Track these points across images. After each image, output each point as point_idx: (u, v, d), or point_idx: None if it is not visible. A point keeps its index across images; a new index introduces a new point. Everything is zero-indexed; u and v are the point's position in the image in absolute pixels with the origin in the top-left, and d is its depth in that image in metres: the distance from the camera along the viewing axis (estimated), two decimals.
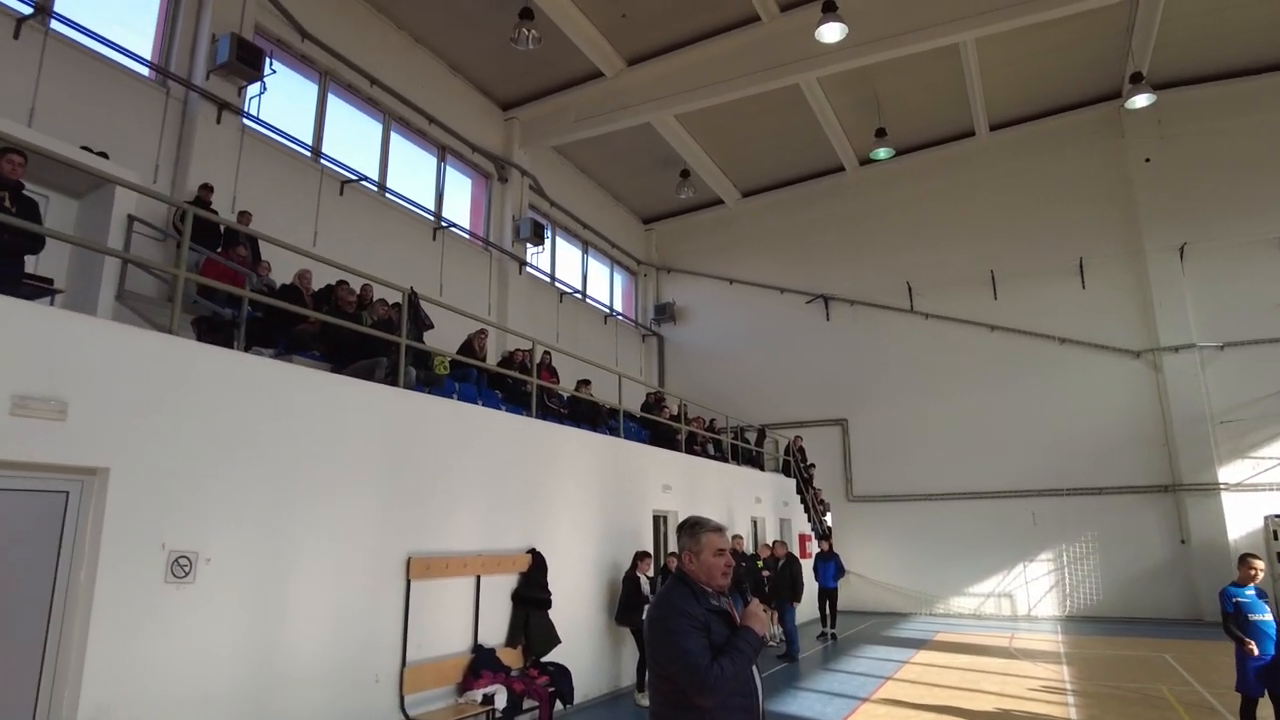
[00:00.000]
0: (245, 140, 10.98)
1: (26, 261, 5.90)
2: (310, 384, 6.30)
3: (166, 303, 8.63)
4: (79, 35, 9.39)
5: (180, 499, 5.04)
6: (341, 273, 8.51)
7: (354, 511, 6.35)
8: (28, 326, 4.42)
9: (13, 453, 4.26)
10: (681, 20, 14.52)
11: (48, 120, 8.73)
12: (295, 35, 12.03)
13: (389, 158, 13.99)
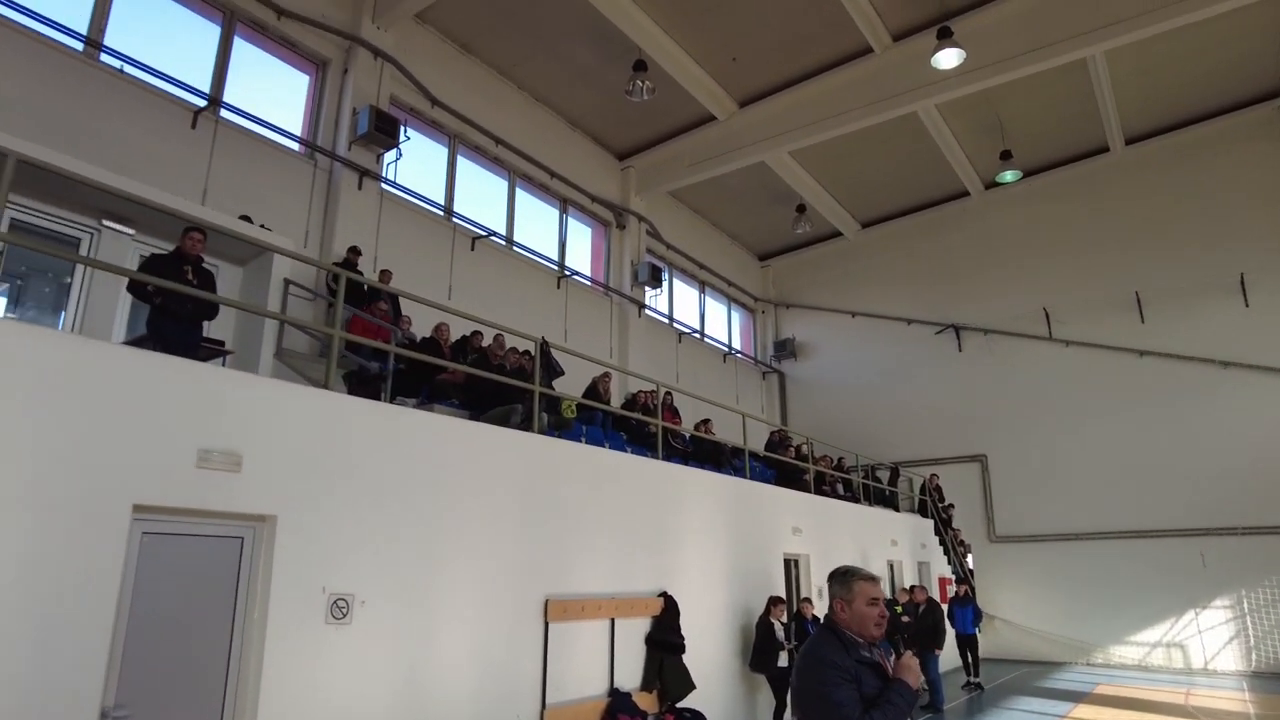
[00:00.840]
0: (384, 203, 11.79)
1: (203, 326, 6.54)
2: (453, 432, 6.61)
3: (319, 359, 9.31)
4: (242, 120, 10.41)
5: (338, 544, 5.36)
6: (475, 324, 8.94)
7: (494, 554, 6.56)
8: (209, 386, 4.87)
9: (198, 501, 4.68)
10: (792, 59, 14.58)
11: (217, 197, 9.67)
12: (426, 103, 12.86)
13: (515, 212, 14.63)
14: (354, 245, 10.32)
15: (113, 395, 4.40)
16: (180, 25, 10.36)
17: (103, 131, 8.88)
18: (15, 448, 3.99)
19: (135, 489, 4.40)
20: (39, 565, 3.99)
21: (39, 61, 8.63)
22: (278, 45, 11.35)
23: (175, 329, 6.16)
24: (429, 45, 13.17)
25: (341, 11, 11.82)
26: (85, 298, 7.83)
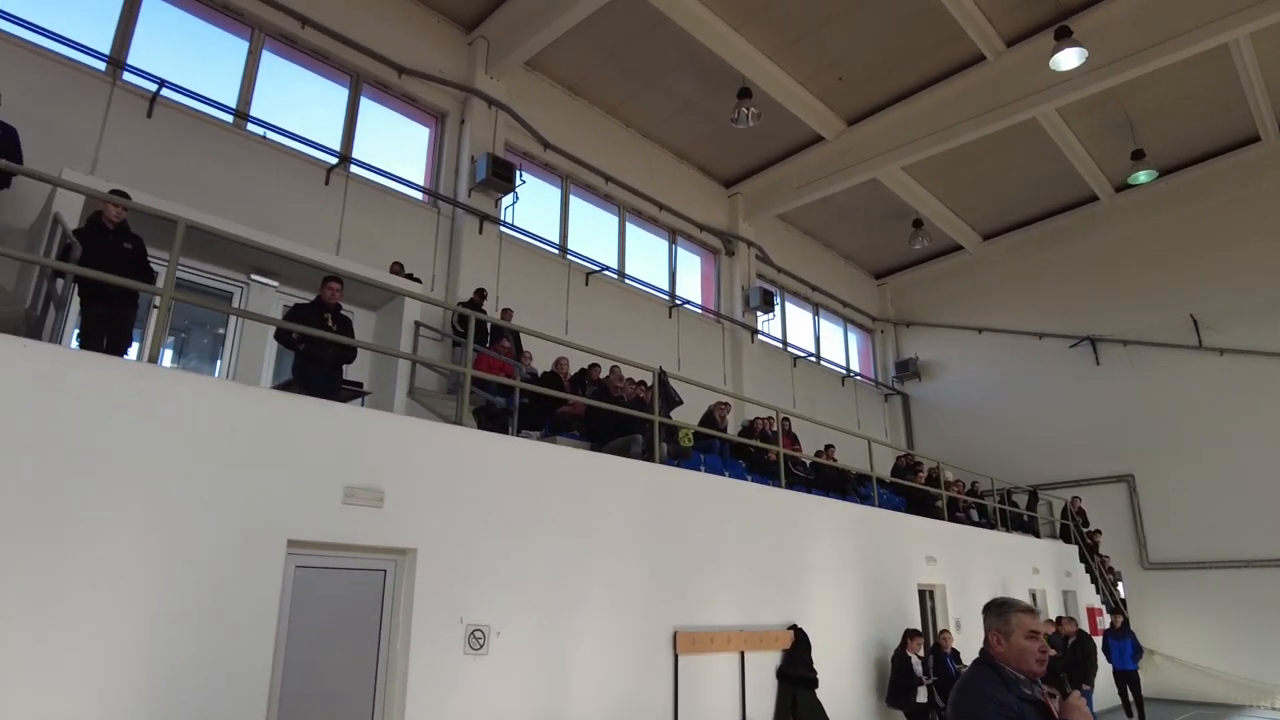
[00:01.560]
0: (503, 245, 12.24)
1: (343, 369, 6.93)
2: (579, 463, 6.71)
3: (448, 396, 9.70)
4: (370, 174, 11.09)
5: (474, 575, 5.52)
6: (593, 356, 9.10)
7: (623, 584, 6.58)
8: (352, 426, 5.15)
9: (344, 536, 4.93)
10: (899, 74, 14.25)
11: (350, 247, 10.30)
12: (539, 146, 13.32)
13: (626, 246, 14.88)
14: (480, 287, 10.73)
15: (267, 436, 4.71)
16: (313, 91, 11.19)
17: (250, 193, 9.64)
18: (184, 486, 4.32)
19: (289, 524, 4.68)
20: (206, 597, 4.29)
21: (196, 134, 9.50)
22: (400, 102, 12.07)
23: (318, 373, 6.56)
24: (539, 91, 13.66)
25: (457, 65, 12.45)
26: (237, 347, 8.48)
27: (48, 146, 7.85)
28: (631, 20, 12.37)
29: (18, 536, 3.74)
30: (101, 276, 4.88)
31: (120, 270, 5.65)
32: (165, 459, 4.29)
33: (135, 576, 4.05)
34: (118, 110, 8.99)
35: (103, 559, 3.97)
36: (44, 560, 3.79)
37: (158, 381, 4.47)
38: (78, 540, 3.91)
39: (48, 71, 8.58)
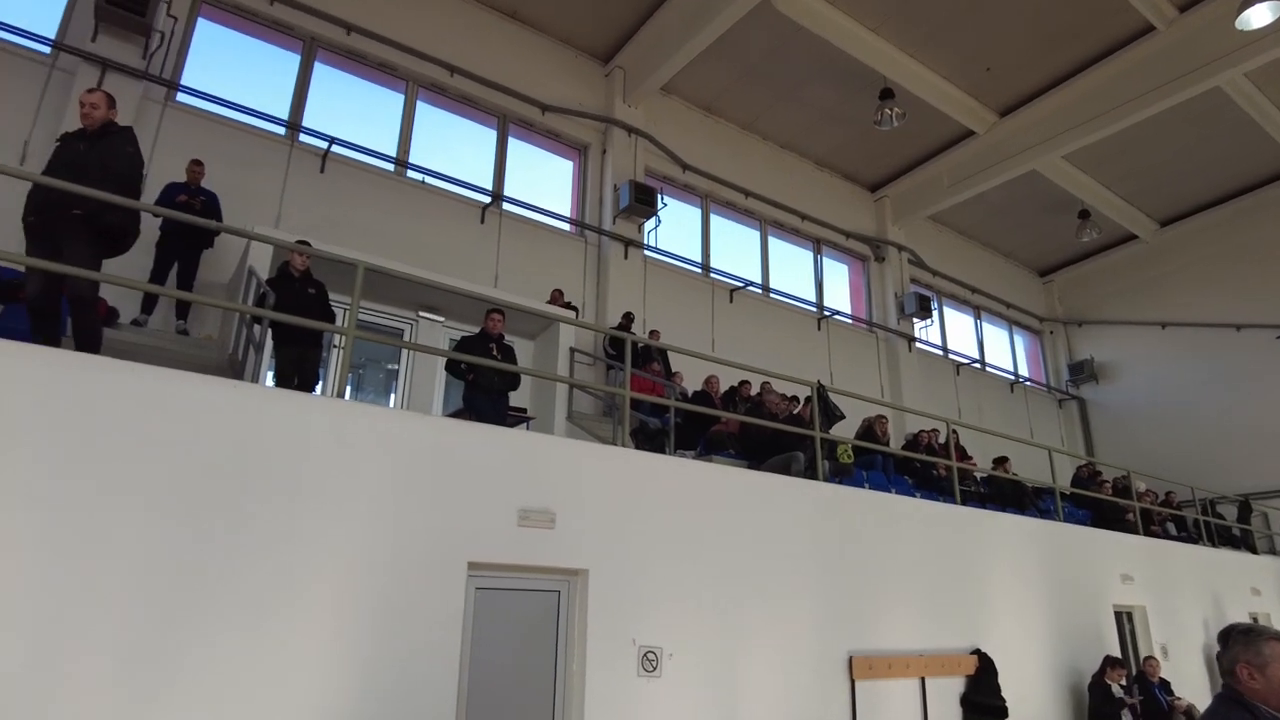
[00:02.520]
0: (647, 268, 12.38)
1: (508, 396, 7.18)
2: (739, 482, 6.60)
3: (604, 418, 9.86)
4: (521, 209, 11.55)
5: (645, 596, 5.51)
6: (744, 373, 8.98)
7: (793, 606, 6.38)
8: (522, 450, 5.30)
9: (521, 557, 5.05)
10: (1054, 57, 13.31)
11: (507, 279, 10.74)
12: (678, 169, 13.44)
13: (769, 260, 14.69)
14: (627, 311, 10.91)
15: (446, 462, 4.92)
16: (464, 135, 11.81)
17: (413, 235, 10.26)
18: (372, 511, 4.57)
19: (469, 547, 4.85)
20: (395, 618, 4.49)
21: (363, 184, 10.24)
22: (544, 138, 12.53)
23: (486, 400, 6.84)
24: (675, 114, 13.80)
25: (595, 97, 12.80)
26: (410, 379, 8.99)
27: (240, 206, 8.67)
28: (765, 35, 12.28)
29: (234, 560, 4.07)
30: (292, 320, 5.29)
31: (307, 313, 6.13)
32: (354, 486, 4.56)
33: (330, 599, 4.30)
34: (296, 168, 9.83)
35: (303, 582, 4.24)
36: (255, 584, 4.10)
37: (345, 414, 4.77)
38: (282, 566, 4.20)
39: (239, 140, 9.52)
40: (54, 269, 4.33)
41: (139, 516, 3.86)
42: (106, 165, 4.63)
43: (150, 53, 8.96)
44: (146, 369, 4.21)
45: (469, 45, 11.60)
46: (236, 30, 10.19)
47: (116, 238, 4.71)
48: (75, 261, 4.42)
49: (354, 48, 10.75)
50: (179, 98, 9.32)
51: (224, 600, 3.97)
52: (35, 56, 8.59)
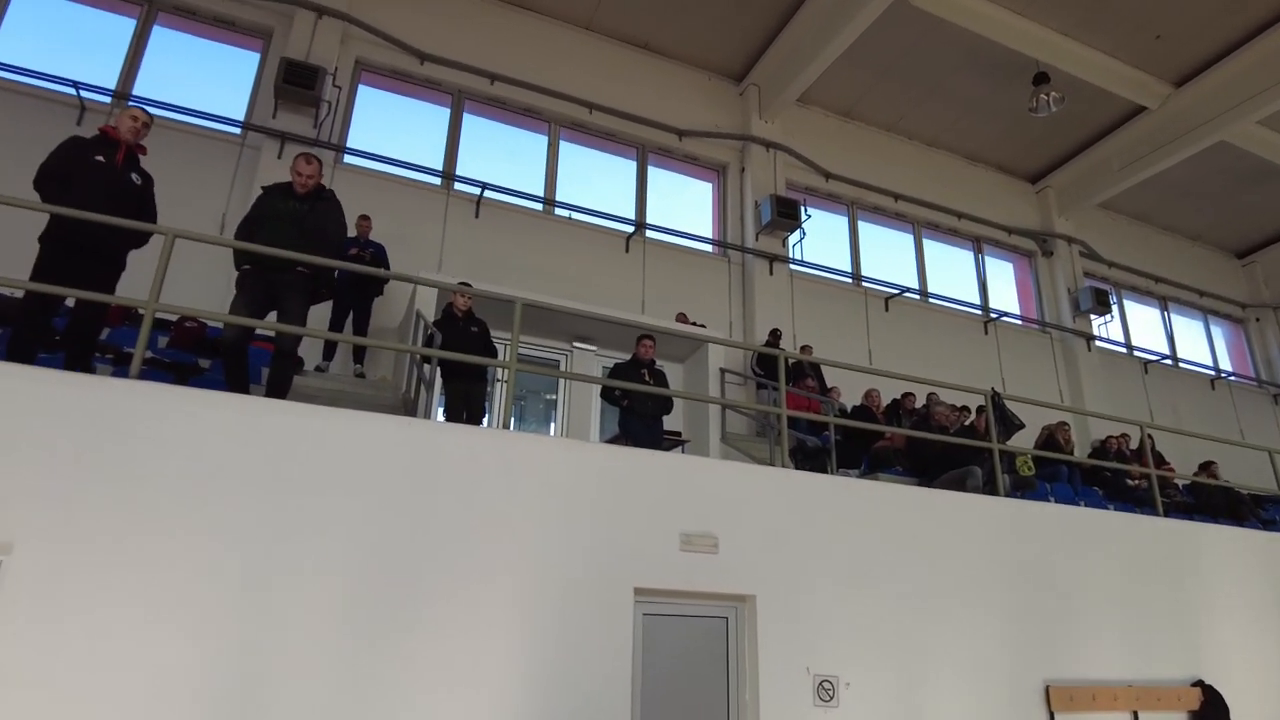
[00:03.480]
0: (795, 282, 12.14)
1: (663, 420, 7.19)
2: (912, 501, 6.26)
3: (758, 438, 9.69)
4: (663, 236, 11.67)
5: (817, 623, 5.30)
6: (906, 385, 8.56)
7: (981, 632, 5.94)
8: (682, 474, 5.26)
9: (686, 583, 4.99)
10: (1238, 12, 11.95)
11: (653, 305, 10.85)
12: (820, 178, 13.13)
13: (925, 263, 14.03)
14: (774, 328, 10.72)
15: (608, 488, 4.96)
16: (605, 167, 12.09)
17: (562, 269, 10.58)
18: (541, 538, 4.66)
19: (635, 572, 4.85)
20: (567, 644, 4.54)
21: (514, 225, 10.71)
22: (682, 163, 12.63)
23: (641, 425, 6.88)
24: (813, 123, 13.52)
25: (731, 117, 12.78)
26: (568, 408, 9.22)
27: (405, 254, 9.25)
28: (902, 34, 11.83)
29: (415, 587, 4.26)
30: (458, 358, 5.55)
31: (472, 350, 6.42)
32: (522, 514, 4.68)
33: (504, 625, 4.41)
34: (453, 215, 10.41)
35: (478, 608, 4.38)
36: (434, 610, 4.27)
37: (511, 444, 4.92)
38: (457, 591, 4.35)
39: (401, 193, 10.21)
40: (279, 328, 4.76)
41: (331, 547, 4.13)
42: (325, 228, 5.07)
43: (320, 122, 9.80)
44: (332, 411, 4.52)
45: (605, 81, 11.92)
46: (392, 92, 10.99)
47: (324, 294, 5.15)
48: (294, 316, 4.87)
49: (498, 96, 11.30)
50: (346, 159, 10.13)
51: (408, 625, 4.16)
52: (228, 138, 9.61)
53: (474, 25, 11.36)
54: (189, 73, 10.06)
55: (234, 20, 10.22)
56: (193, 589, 3.81)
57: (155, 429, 4.03)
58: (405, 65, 10.81)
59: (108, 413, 3.98)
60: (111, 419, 3.98)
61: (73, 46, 9.61)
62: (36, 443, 3.80)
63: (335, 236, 5.20)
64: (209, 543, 3.92)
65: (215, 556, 3.90)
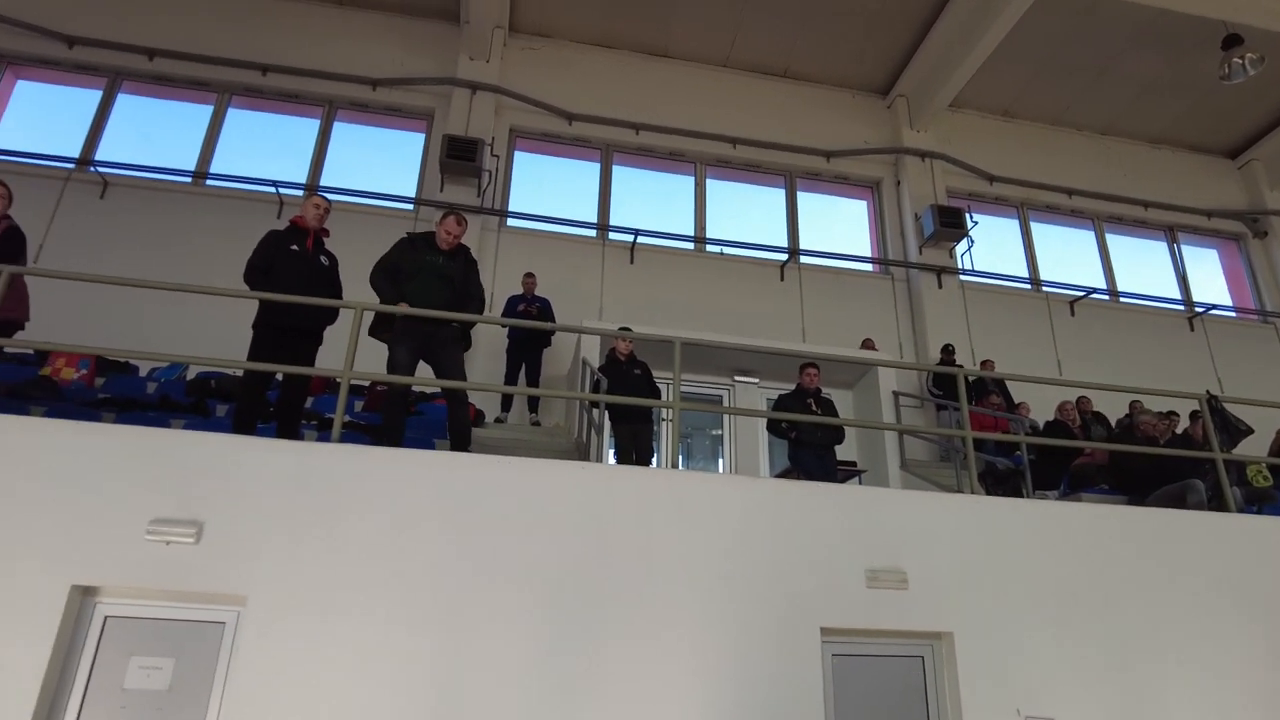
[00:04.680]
0: (967, 294, 11.48)
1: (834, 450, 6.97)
2: (1124, 523, 5.66)
3: (940, 463, 9.17)
4: (818, 260, 11.44)
5: (1022, 660, 4.87)
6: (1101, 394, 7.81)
7: (1219, 673, 5.23)
8: (862, 507, 5.05)
9: (874, 621, 4.76)
10: None
11: (814, 332, 10.63)
12: (984, 182, 12.45)
13: (1111, 260, 12.86)
14: (946, 344, 10.17)
15: (785, 524, 4.84)
16: (753, 199, 12.08)
17: (717, 304, 10.61)
18: (719, 579, 4.60)
19: (820, 612, 4.68)
20: (751, 688, 4.43)
21: (668, 266, 10.91)
22: (832, 184, 12.41)
23: (811, 457, 6.70)
24: (970, 127, 12.88)
25: (880, 132, 12.42)
26: (734, 443, 9.15)
27: (568, 305, 9.60)
28: (1056, 22, 11.11)
29: (599, 627, 4.32)
30: (625, 401, 5.66)
31: (636, 393, 6.55)
32: (698, 553, 4.65)
33: (689, 666, 4.37)
34: (609, 263, 10.75)
35: (661, 649, 4.37)
36: (619, 651, 4.31)
37: (682, 483, 4.92)
38: (641, 632, 4.37)
39: (561, 248, 10.70)
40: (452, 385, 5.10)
41: (520, 590, 4.29)
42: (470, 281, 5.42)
43: (482, 190, 10.47)
44: (514, 460, 4.74)
45: (747, 113, 11.97)
46: (545, 154, 11.59)
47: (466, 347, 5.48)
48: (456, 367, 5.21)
49: (644, 144, 11.62)
50: (508, 223, 10.74)
51: (594, 667, 4.23)
52: (403, 214, 10.47)
53: (615, 80, 11.79)
54: (365, 158, 11.12)
55: (400, 107, 11.20)
56: (396, 634, 4.07)
57: (358, 487, 4.38)
58: (555, 127, 11.37)
59: (317, 474, 4.38)
60: (320, 480, 4.37)
61: (270, 151, 10.89)
62: (260, 505, 4.23)
63: (479, 293, 5.49)
64: (410, 590, 4.18)
65: (415, 603, 4.16)
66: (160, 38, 10.70)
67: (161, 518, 4.15)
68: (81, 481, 4.19)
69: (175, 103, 10.99)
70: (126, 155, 10.35)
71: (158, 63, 10.69)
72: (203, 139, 10.67)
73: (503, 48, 11.42)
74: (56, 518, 4.07)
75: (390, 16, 11.46)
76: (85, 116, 10.57)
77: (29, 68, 10.78)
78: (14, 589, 3.89)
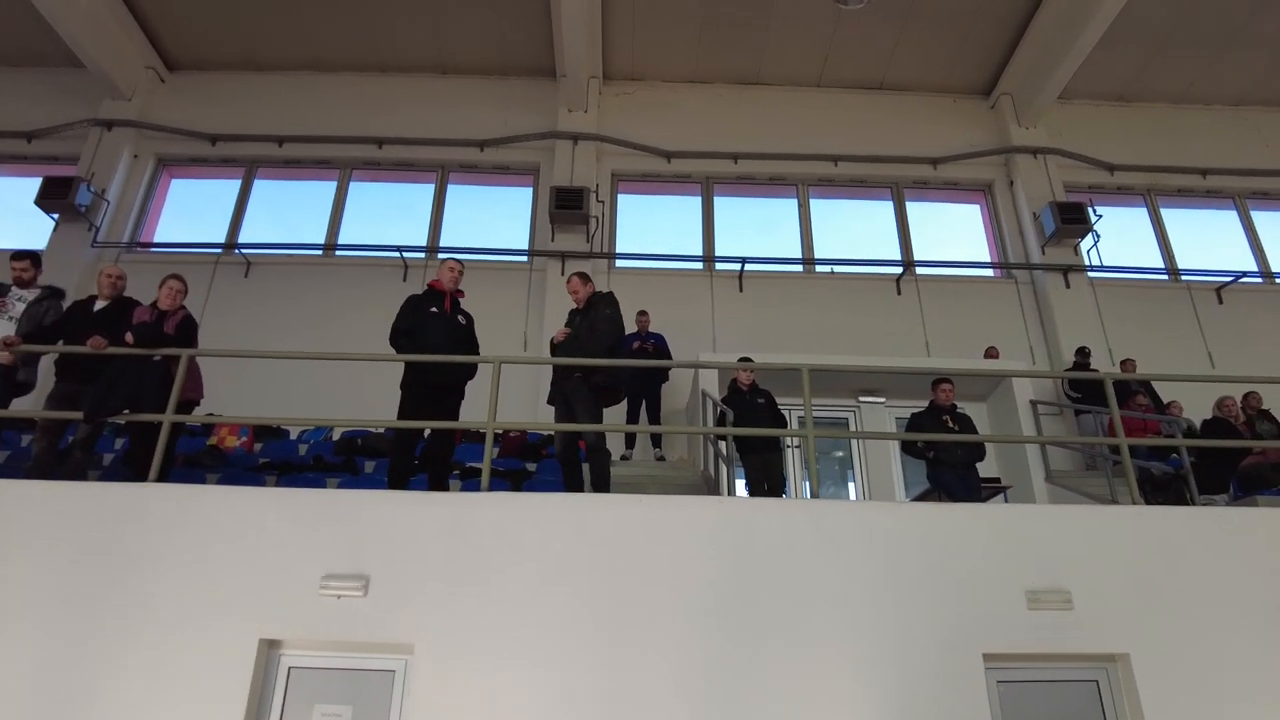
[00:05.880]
0: (1097, 290, 10.89)
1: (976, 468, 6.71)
2: None
3: (1087, 472, 8.68)
4: (936, 270, 11.12)
5: (1216, 682, 4.52)
6: None
7: None
8: (1012, 524, 4.84)
9: (1039, 644, 4.52)
10: None
11: (939, 345, 10.30)
12: (1104, 173, 11.84)
13: (1259, 240, 11.90)
14: (1080, 346, 9.64)
15: (936, 548, 4.69)
16: (859, 213, 11.90)
17: (832, 324, 10.45)
18: (872, 608, 4.51)
19: (980, 638, 4.50)
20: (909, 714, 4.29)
21: (776, 290, 10.85)
22: (941, 191, 12.07)
23: (952, 476, 6.48)
24: (1083, 118, 12.29)
25: (986, 133, 12.03)
26: (865, 466, 8.94)
27: (682, 339, 9.65)
28: None
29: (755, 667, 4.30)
30: (750, 432, 5.67)
31: (761, 422, 6.53)
32: (847, 583, 4.57)
33: (848, 699, 4.28)
34: (718, 294, 10.81)
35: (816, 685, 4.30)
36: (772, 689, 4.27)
37: (824, 513, 4.86)
38: (793, 670, 4.32)
39: (670, 284, 10.84)
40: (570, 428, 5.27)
41: (670, 627, 4.34)
42: (595, 329, 5.56)
43: (590, 235, 10.77)
44: (652, 498, 4.82)
45: (846, 130, 11.86)
46: (647, 194, 11.82)
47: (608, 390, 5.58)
48: (589, 414, 5.35)
49: (744, 173, 11.69)
50: (617, 264, 10.98)
51: (754, 701, 4.21)
52: (518, 265, 10.89)
53: (710, 113, 11.94)
54: (479, 216, 11.66)
55: (507, 165, 11.71)
56: (556, 675, 4.19)
57: (508, 533, 4.56)
58: (654, 167, 11.60)
59: (470, 523, 4.59)
60: (472, 527, 4.58)
61: (390, 217, 11.60)
62: (420, 556, 4.48)
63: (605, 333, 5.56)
64: (564, 631, 4.30)
65: (571, 643, 4.27)
66: (287, 125, 11.65)
67: (332, 573, 4.44)
68: (261, 542, 4.55)
69: (304, 182, 11.90)
70: (264, 235, 11.27)
71: (287, 148, 11.62)
72: (329, 212, 11.48)
73: (598, 96, 11.79)
74: (243, 576, 4.44)
75: (491, 80, 12.05)
76: (228, 203, 11.59)
77: (181, 167, 11.94)
78: (209, 643, 4.25)
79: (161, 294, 5.52)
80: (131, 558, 4.45)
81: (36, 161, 11.61)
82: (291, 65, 12.03)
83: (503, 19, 11.30)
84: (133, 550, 4.47)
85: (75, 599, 4.34)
